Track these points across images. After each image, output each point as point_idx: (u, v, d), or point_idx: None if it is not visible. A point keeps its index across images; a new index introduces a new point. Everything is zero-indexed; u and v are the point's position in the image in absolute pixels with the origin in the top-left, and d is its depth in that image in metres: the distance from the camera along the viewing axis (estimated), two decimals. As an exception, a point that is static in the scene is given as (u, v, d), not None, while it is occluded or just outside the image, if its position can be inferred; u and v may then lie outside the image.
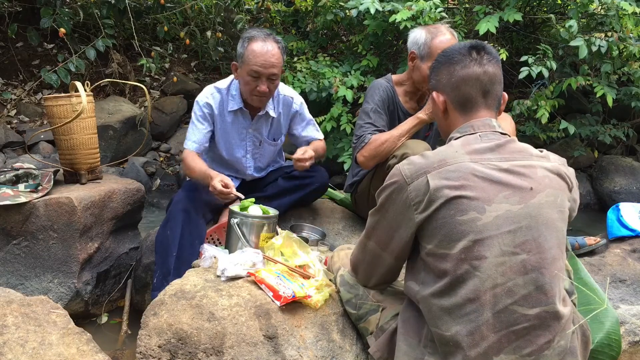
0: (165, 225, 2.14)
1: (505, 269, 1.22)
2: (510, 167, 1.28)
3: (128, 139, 4.38)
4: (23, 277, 2.15)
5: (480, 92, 1.38)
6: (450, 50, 1.43)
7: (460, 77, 1.38)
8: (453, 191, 1.24)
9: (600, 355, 1.65)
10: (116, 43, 4.59)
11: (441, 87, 1.43)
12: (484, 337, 1.22)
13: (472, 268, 1.22)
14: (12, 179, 2.21)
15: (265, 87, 2.17)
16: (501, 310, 1.22)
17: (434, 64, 1.47)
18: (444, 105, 1.42)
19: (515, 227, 1.23)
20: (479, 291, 1.22)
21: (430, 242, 1.27)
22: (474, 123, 1.37)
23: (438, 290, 1.26)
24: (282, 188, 2.40)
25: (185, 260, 2.05)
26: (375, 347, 1.48)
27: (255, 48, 2.13)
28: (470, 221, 1.22)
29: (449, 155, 1.29)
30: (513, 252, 1.23)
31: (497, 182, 1.25)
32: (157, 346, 1.51)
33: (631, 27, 3.49)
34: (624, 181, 4.13)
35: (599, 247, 2.21)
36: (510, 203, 1.24)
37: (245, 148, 2.40)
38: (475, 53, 1.38)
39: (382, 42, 4.18)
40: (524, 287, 1.22)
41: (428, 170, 1.27)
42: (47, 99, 2.30)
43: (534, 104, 3.64)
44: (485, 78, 1.38)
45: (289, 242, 1.86)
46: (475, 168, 1.26)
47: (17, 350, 1.46)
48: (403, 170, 1.31)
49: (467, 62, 1.38)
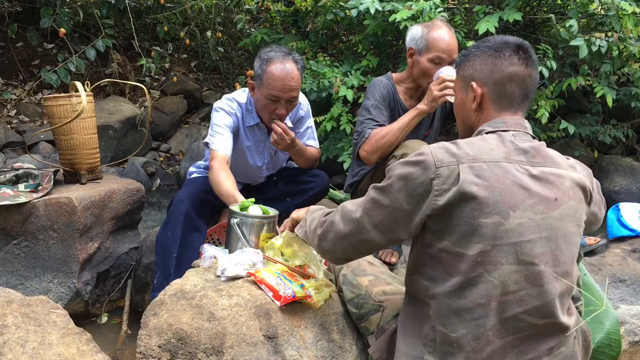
0: (166, 225, 2.14)
1: (519, 278, 1.20)
2: (540, 174, 1.25)
3: (128, 139, 4.38)
4: (23, 277, 2.15)
5: (522, 94, 1.34)
6: (498, 43, 1.35)
7: (508, 74, 1.32)
8: (482, 190, 1.19)
9: (600, 355, 1.65)
10: (116, 43, 4.59)
11: (482, 78, 1.35)
12: (489, 342, 1.21)
13: (486, 272, 1.20)
14: (12, 179, 2.21)
15: (284, 111, 2.13)
16: (509, 317, 1.21)
17: (474, 52, 1.39)
18: (482, 97, 1.36)
19: (535, 237, 1.21)
20: (490, 296, 1.20)
21: (447, 238, 1.22)
22: (507, 120, 1.33)
23: (449, 289, 1.23)
24: (283, 192, 2.41)
25: (186, 261, 2.05)
26: (375, 347, 1.48)
27: (275, 72, 2.06)
28: (492, 225, 1.19)
29: (484, 151, 1.24)
30: (530, 262, 1.21)
31: (525, 188, 1.22)
32: (157, 346, 1.51)
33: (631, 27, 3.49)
34: (624, 181, 4.13)
35: (599, 247, 2.21)
36: (534, 212, 1.21)
37: (263, 160, 2.41)
38: (522, 52, 1.33)
39: (382, 42, 4.18)
40: (536, 298, 1.21)
41: (462, 160, 1.22)
42: (47, 99, 2.30)
43: (534, 104, 3.64)
44: (529, 81, 1.34)
45: (289, 242, 1.86)
46: (508, 170, 1.22)
47: (17, 350, 1.46)
48: (435, 153, 1.24)
49: (515, 60, 1.32)
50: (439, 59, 2.20)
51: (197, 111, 5.08)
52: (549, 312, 1.22)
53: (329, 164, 3.60)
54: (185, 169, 3.93)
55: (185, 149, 4.57)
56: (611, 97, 3.46)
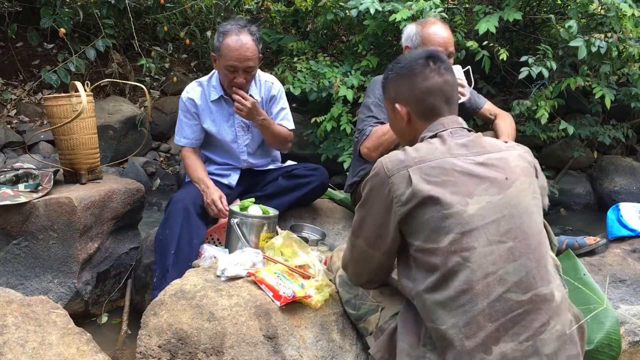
0: (165, 224, 2.15)
1: (495, 258, 1.26)
2: (485, 161, 1.33)
3: (128, 139, 4.37)
4: (23, 277, 2.15)
5: (444, 101, 1.43)
6: (408, 62, 1.45)
7: (424, 89, 1.42)
8: (435, 187, 1.28)
9: (600, 355, 1.65)
10: (116, 43, 4.59)
11: (403, 98, 1.46)
12: (480, 327, 1.24)
13: (462, 260, 1.25)
14: (12, 179, 2.21)
15: (242, 79, 2.24)
16: (495, 299, 1.24)
17: (390, 75, 1.50)
18: (408, 116, 1.46)
19: (498, 216, 1.28)
20: (472, 282, 1.24)
21: (418, 239, 1.30)
22: (442, 121, 1.41)
23: (431, 285, 1.28)
24: (282, 187, 2.41)
25: (184, 258, 2.06)
26: (375, 347, 1.48)
27: (230, 43, 2.19)
28: (455, 214, 1.26)
29: (429, 152, 1.33)
30: (500, 240, 1.27)
31: (475, 175, 1.30)
32: (157, 346, 1.51)
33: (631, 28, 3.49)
34: (624, 181, 4.13)
35: (599, 247, 2.21)
36: (490, 194, 1.29)
37: (235, 133, 2.44)
38: (432, 63, 1.42)
39: (382, 42, 4.18)
40: (514, 274, 1.26)
41: (409, 164, 1.31)
42: (47, 99, 2.30)
43: (533, 104, 3.64)
44: (446, 87, 1.43)
45: (289, 242, 1.86)
46: (455, 163, 1.31)
47: (17, 350, 1.46)
48: (385, 164, 1.34)
49: (427, 73, 1.41)
50: None
51: (197, 111, 5.07)
52: (529, 285, 1.26)
53: (329, 164, 3.60)
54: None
55: (185, 149, 4.56)
56: (610, 98, 3.46)
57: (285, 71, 4.02)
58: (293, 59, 4.24)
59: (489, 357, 1.22)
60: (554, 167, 4.34)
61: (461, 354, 1.24)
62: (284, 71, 4.03)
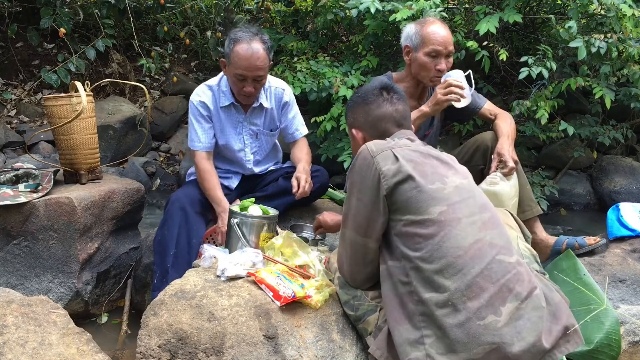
0: (164, 224, 2.15)
1: (480, 225, 1.39)
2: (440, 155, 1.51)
3: (128, 139, 4.37)
4: (23, 277, 2.15)
5: (395, 125, 1.60)
6: (364, 92, 1.64)
7: (376, 116, 1.60)
8: (417, 166, 1.42)
9: (600, 355, 1.65)
10: (116, 43, 4.59)
11: (359, 124, 1.64)
12: (483, 288, 1.30)
13: (451, 227, 1.35)
14: (12, 179, 2.21)
15: (251, 89, 2.21)
16: (490, 261, 1.33)
17: (349, 103, 1.67)
18: (363, 140, 1.61)
19: (469, 195, 1.45)
20: (464, 247, 1.33)
21: (407, 212, 1.39)
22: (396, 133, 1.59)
23: (427, 255, 1.34)
24: (282, 188, 2.41)
25: (183, 258, 2.06)
26: (375, 346, 1.48)
27: (241, 51, 2.15)
28: (439, 190, 1.40)
29: (404, 143, 1.50)
30: (479, 212, 1.42)
31: (445, 163, 1.48)
32: (157, 346, 1.51)
33: (631, 28, 3.49)
34: (624, 181, 4.13)
35: (599, 247, 2.21)
36: (459, 178, 1.47)
37: (243, 141, 2.42)
38: (385, 93, 1.61)
39: (382, 42, 4.17)
40: (499, 238, 1.40)
41: (392, 147, 1.46)
42: (47, 99, 2.30)
43: (533, 104, 3.64)
44: (397, 115, 1.60)
45: (289, 242, 1.86)
46: (428, 151, 1.48)
47: (17, 350, 1.46)
48: (369, 147, 1.47)
49: (380, 102, 1.60)
50: (435, 52, 2.23)
51: (197, 111, 5.07)
52: (510, 249, 1.40)
53: (328, 164, 3.60)
54: (185, 169, 3.94)
55: (185, 149, 4.57)
56: (610, 99, 3.46)
57: (285, 71, 4.02)
58: (293, 59, 4.24)
59: (499, 318, 1.28)
60: (554, 167, 4.33)
61: (468, 316, 1.28)
62: (284, 71, 4.02)
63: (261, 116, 2.41)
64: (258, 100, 2.35)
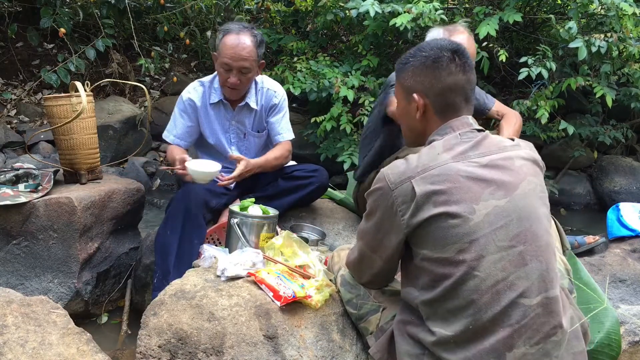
0: (165, 225, 2.14)
1: (505, 264, 1.23)
2: (490, 162, 1.29)
3: (128, 139, 4.37)
4: (23, 277, 2.15)
5: (463, 99, 1.39)
6: (434, 52, 1.38)
7: (447, 85, 1.36)
8: (440, 196, 1.24)
9: (600, 355, 1.65)
10: (116, 43, 4.59)
11: (423, 89, 1.39)
12: (491, 332, 1.22)
13: (470, 269, 1.22)
14: (12, 179, 2.21)
15: (235, 80, 2.23)
16: (507, 305, 1.22)
17: (411, 61, 1.41)
18: (424, 108, 1.39)
19: (506, 221, 1.25)
20: (481, 291, 1.22)
21: (425, 247, 1.27)
22: (452, 124, 1.37)
23: (440, 294, 1.26)
24: (282, 188, 2.41)
25: (185, 259, 2.05)
26: (375, 347, 1.48)
27: (227, 41, 2.20)
28: (462, 223, 1.23)
29: (431, 159, 1.29)
30: (509, 245, 1.24)
31: (480, 179, 1.26)
32: (157, 346, 1.51)
33: (631, 27, 3.49)
34: (624, 181, 4.13)
35: (598, 245, 2.21)
36: (496, 198, 1.25)
37: (229, 140, 2.44)
38: (458, 59, 1.37)
39: (382, 42, 4.18)
40: (525, 278, 1.23)
41: (412, 175, 1.27)
42: (47, 99, 2.30)
43: (533, 104, 3.64)
44: (468, 86, 1.39)
45: (289, 242, 1.86)
46: (459, 168, 1.27)
47: (17, 350, 1.46)
48: (387, 176, 1.31)
49: (452, 69, 1.36)
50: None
51: (197, 111, 5.07)
52: (540, 288, 1.24)
53: (328, 164, 3.60)
54: (185, 169, 3.92)
55: (185, 149, 4.57)
56: (611, 98, 3.46)
57: (285, 71, 4.02)
58: (293, 59, 4.24)
59: None
60: (554, 167, 4.34)
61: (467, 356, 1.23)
62: (284, 71, 4.03)
63: (250, 117, 2.43)
64: (245, 100, 2.36)
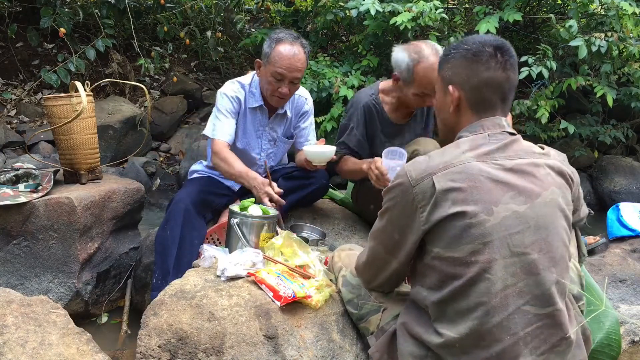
0: (165, 225, 2.14)
1: (516, 270, 1.21)
2: (515, 166, 1.27)
3: (128, 139, 4.37)
4: (23, 277, 2.15)
5: (500, 98, 1.35)
6: (475, 46, 1.34)
7: (484, 80, 1.33)
8: (460, 193, 1.22)
9: (600, 355, 1.65)
10: (116, 43, 4.59)
11: (460, 82, 1.36)
12: (497, 339, 1.21)
13: (482, 270, 1.21)
14: (12, 179, 2.21)
15: (287, 90, 2.21)
16: (514, 311, 1.21)
17: (452, 53, 1.38)
18: (458, 101, 1.37)
19: (523, 227, 1.23)
20: (490, 294, 1.21)
21: (438, 245, 1.26)
22: (484, 123, 1.33)
23: (449, 294, 1.25)
24: (283, 188, 2.40)
25: (185, 260, 2.05)
26: (375, 347, 1.48)
27: (283, 50, 2.16)
28: (478, 224, 1.21)
29: (454, 156, 1.27)
30: (523, 252, 1.22)
31: (502, 182, 1.24)
32: (157, 346, 1.51)
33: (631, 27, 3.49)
34: (624, 181, 4.13)
35: (598, 246, 2.21)
36: (516, 203, 1.23)
37: (261, 146, 2.44)
38: (500, 55, 1.33)
39: (382, 42, 4.18)
40: (536, 287, 1.22)
41: (434, 172, 1.25)
42: (47, 99, 2.30)
43: (533, 104, 3.64)
44: (507, 85, 1.34)
45: (289, 242, 1.86)
46: (482, 168, 1.24)
47: (17, 350, 1.46)
48: (409, 172, 1.29)
49: (492, 64, 1.32)
50: (424, 94, 2.15)
51: (197, 111, 5.07)
52: (550, 299, 1.23)
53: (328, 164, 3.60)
54: (185, 169, 3.93)
55: (185, 149, 4.57)
56: (611, 97, 3.46)
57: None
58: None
59: None
60: (554, 167, 4.33)
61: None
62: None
63: (282, 124, 2.44)
64: (284, 107, 2.36)
